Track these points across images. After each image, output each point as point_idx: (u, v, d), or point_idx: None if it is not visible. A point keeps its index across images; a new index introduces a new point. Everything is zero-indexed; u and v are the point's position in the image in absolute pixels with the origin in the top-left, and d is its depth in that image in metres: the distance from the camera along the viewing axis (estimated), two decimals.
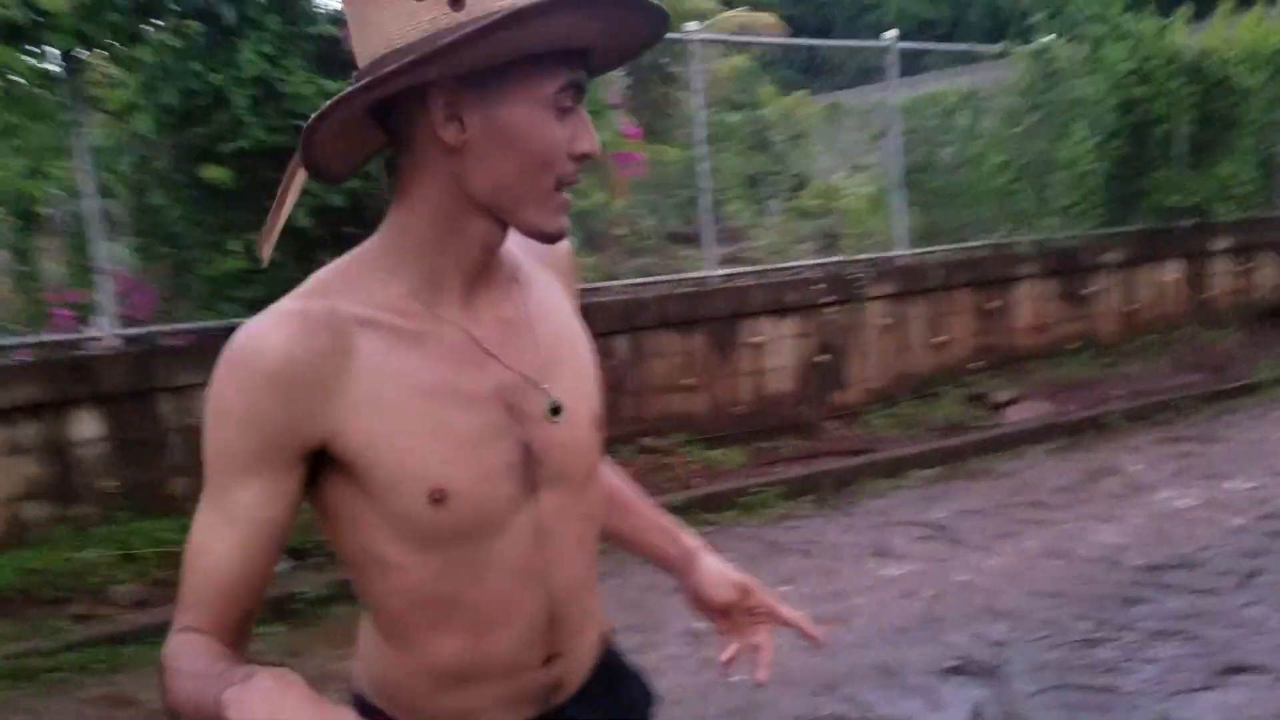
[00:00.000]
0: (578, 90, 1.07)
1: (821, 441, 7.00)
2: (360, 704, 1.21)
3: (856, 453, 6.69)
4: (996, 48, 9.00)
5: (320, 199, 5.33)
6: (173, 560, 4.85)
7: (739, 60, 10.84)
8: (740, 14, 11.15)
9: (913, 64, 9.00)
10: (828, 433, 7.16)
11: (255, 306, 4.52)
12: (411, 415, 1.07)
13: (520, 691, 1.19)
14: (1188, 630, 3.89)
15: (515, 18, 0.97)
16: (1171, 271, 9.60)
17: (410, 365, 1.08)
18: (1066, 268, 8.84)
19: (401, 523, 1.08)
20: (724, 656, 1.41)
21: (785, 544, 5.28)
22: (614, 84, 9.57)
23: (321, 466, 1.09)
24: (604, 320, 6.55)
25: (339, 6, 5.76)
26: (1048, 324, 8.74)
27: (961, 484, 6.26)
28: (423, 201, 1.10)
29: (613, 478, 1.43)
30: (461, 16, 1.01)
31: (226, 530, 1.06)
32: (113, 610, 4.46)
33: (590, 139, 1.08)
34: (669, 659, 3.96)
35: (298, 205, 4.78)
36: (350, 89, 1.03)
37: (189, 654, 1.04)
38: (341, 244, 4.82)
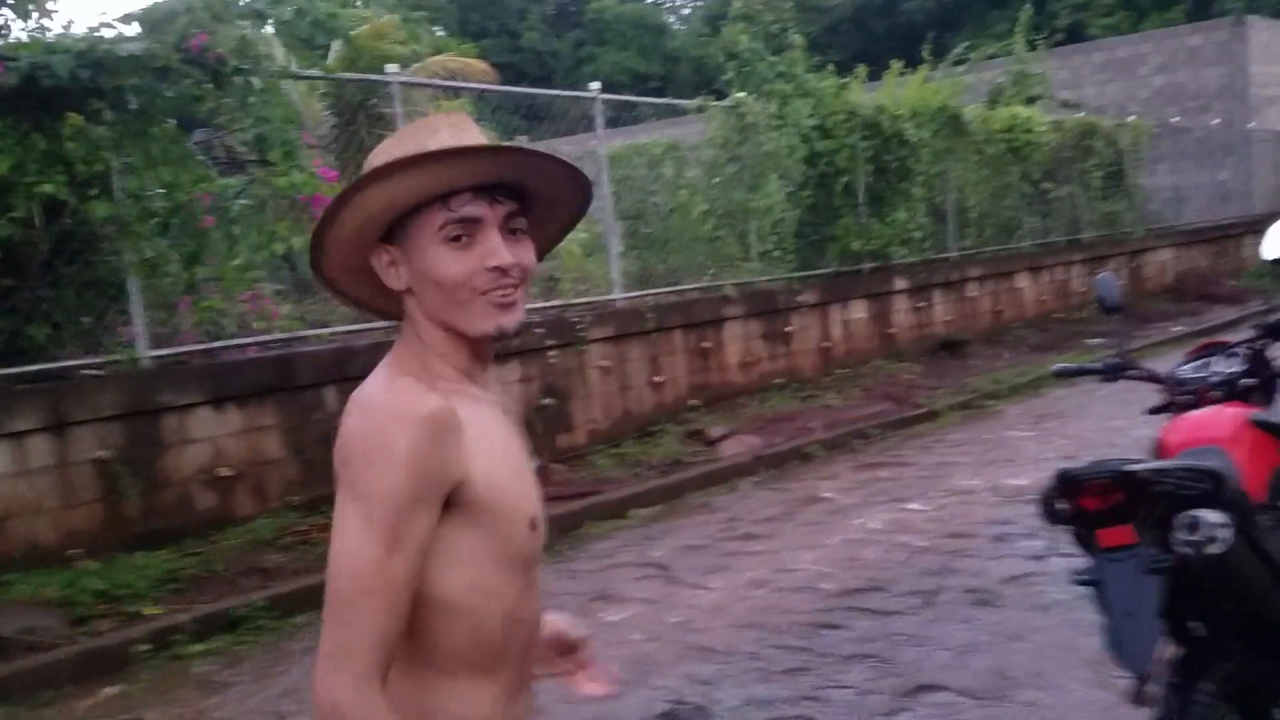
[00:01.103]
0: (463, 222, 1.34)
1: (548, 486, 6.93)
2: None
3: (581, 496, 6.70)
4: (695, 102, 9.44)
5: None
6: None
7: (458, 104, 10.77)
8: (450, 59, 11.10)
9: (627, 115, 9.26)
10: (555, 476, 7.14)
11: None
12: (503, 459, 1.35)
13: (529, 704, 1.45)
14: (879, 653, 4.11)
15: (341, 200, 1.32)
16: (858, 310, 10.37)
17: (489, 422, 1.36)
18: (768, 308, 9.34)
19: (510, 550, 1.33)
20: (589, 687, 1.65)
21: None
22: (317, 126, 9.22)
23: (443, 512, 1.29)
24: (311, 371, 6.23)
25: None
26: (754, 361, 9.19)
27: (680, 520, 6.41)
28: (421, 325, 1.38)
29: None
30: None
31: (399, 561, 1.24)
32: None
33: (497, 255, 1.34)
34: None
35: None
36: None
37: None
38: None
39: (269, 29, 7.74)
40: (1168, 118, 18.77)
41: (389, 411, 1.27)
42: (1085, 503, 2.38)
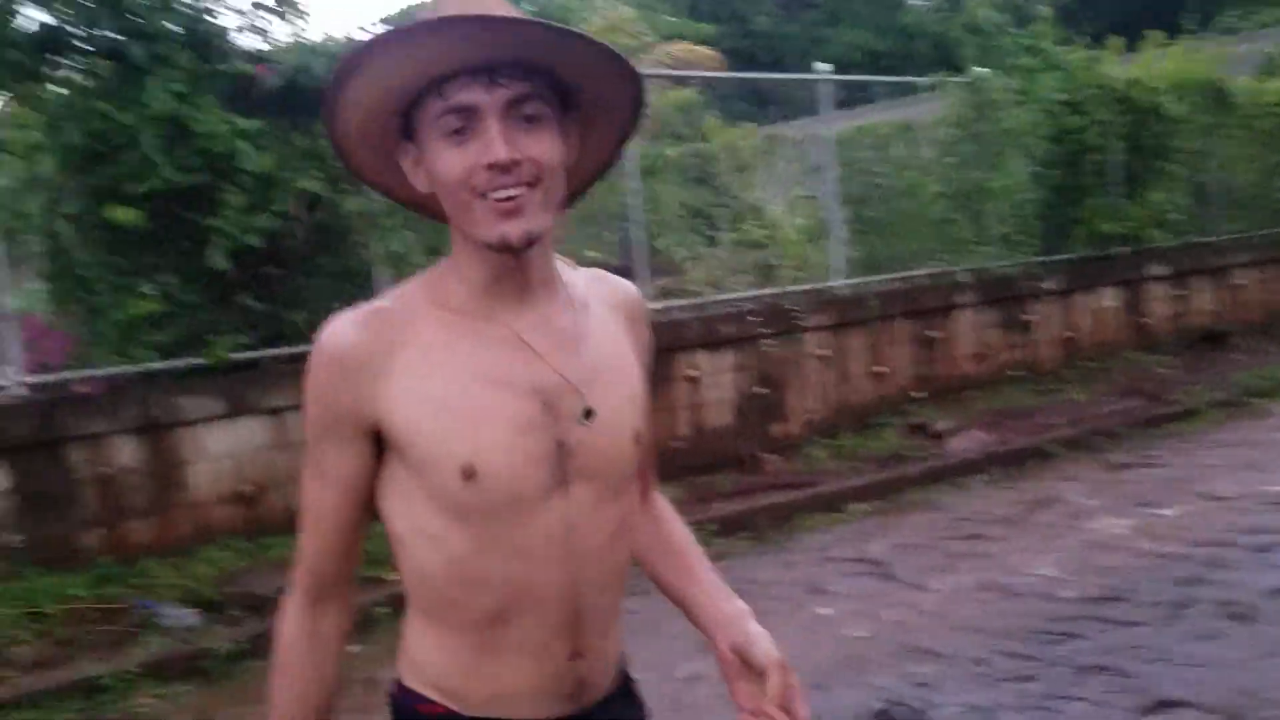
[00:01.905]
0: (458, 111, 1.16)
1: (760, 476, 6.91)
2: (404, 692, 1.33)
3: (793, 487, 6.61)
4: (930, 80, 9.08)
5: (237, 240, 5.21)
6: (81, 618, 4.66)
7: (686, 93, 10.86)
8: (678, 48, 11.19)
9: (859, 95, 9.03)
10: (767, 467, 7.08)
11: (169, 351, 4.35)
12: (455, 398, 1.21)
13: (549, 681, 1.28)
14: (1116, 665, 3.83)
15: (331, 94, 1.19)
16: (1108, 298, 9.68)
17: (461, 354, 1.22)
18: (1005, 296, 8.87)
19: (438, 495, 1.21)
20: None
21: None
22: None
23: (385, 447, 1.25)
24: None
25: (256, 44, 5.67)
26: (988, 352, 8.76)
27: (901, 517, 6.19)
28: (453, 233, 1.26)
29: (681, 535, 1.50)
30: None
31: (319, 488, 1.27)
32: (11, 673, 4.24)
33: (491, 150, 1.15)
34: None
35: (215, 247, 4.60)
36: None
37: (298, 665, 1.32)
38: (262, 284, 4.67)
39: None
40: None
41: (317, 341, 1.25)
42: None
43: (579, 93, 1.24)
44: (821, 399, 7.70)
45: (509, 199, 1.17)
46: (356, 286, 6.10)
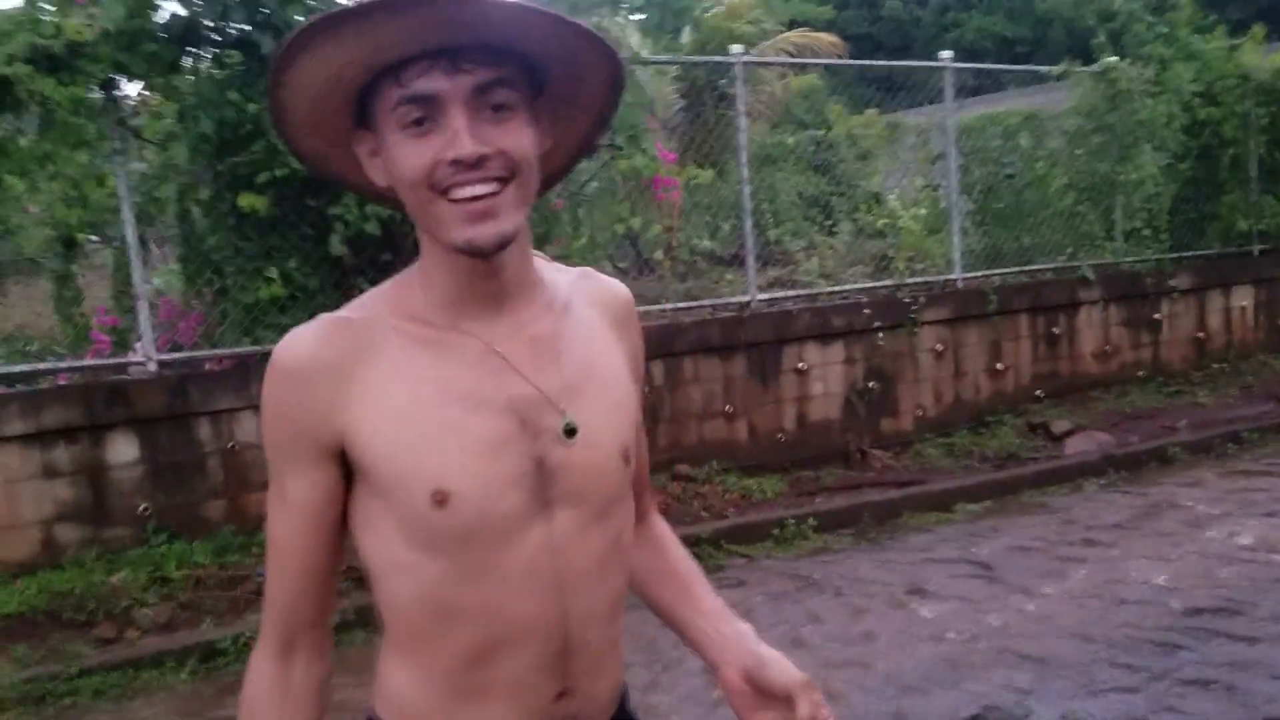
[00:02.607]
0: (419, 101, 1.05)
1: (867, 472, 6.82)
2: None
3: (901, 484, 6.50)
4: (1058, 68, 8.76)
5: (356, 228, 5.38)
6: (203, 584, 4.92)
7: (809, 80, 10.74)
8: (798, 35, 11.06)
9: (988, 84, 8.78)
10: (875, 463, 6.97)
11: None
12: (421, 417, 1.10)
13: None
14: (1226, 680, 3.67)
15: (273, 79, 1.06)
16: (1242, 298, 9.21)
17: (427, 370, 1.12)
18: (1132, 293, 8.54)
19: (408, 522, 1.11)
20: None
21: (816, 579, 5.14)
22: (668, 109, 9.53)
23: (351, 471, 1.14)
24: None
25: None
26: (1112, 351, 8.44)
27: (1012, 519, 6.04)
28: (419, 231, 1.15)
29: (678, 557, 1.39)
30: None
31: (283, 518, 1.15)
32: (136, 634, 4.51)
33: (455, 144, 1.04)
34: (682, 699, 3.87)
35: (333, 234, 4.78)
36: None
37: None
38: (378, 271, 4.83)
39: (626, 17, 8.08)
40: None
41: (273, 355, 1.13)
42: None
43: (550, 73, 1.12)
44: (935, 395, 7.54)
45: (477, 198, 1.06)
46: None
